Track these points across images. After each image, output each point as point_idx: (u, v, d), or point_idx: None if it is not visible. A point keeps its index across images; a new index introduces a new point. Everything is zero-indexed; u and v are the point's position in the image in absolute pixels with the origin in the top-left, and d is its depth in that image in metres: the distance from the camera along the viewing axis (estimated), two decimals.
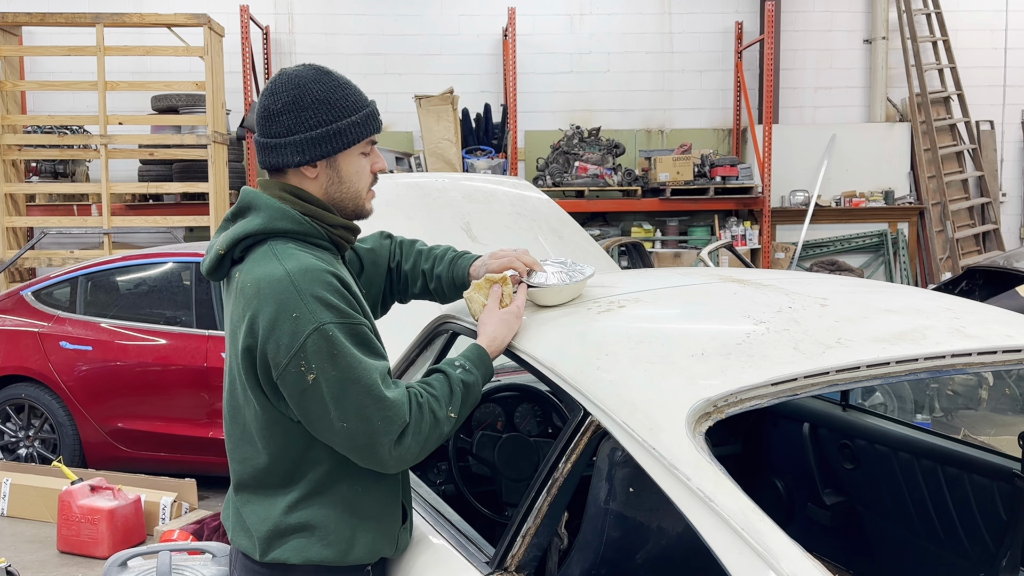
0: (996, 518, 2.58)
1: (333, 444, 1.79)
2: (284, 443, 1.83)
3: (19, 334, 5.80)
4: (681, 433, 1.60)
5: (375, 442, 1.75)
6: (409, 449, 1.78)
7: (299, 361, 1.71)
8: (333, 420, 1.74)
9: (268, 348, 1.73)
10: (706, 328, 2.02)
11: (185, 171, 8.90)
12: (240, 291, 1.80)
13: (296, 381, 1.72)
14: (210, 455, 5.48)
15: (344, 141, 1.88)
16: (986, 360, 1.88)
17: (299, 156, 1.86)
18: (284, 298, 1.72)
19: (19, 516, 5.25)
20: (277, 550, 1.84)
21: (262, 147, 1.90)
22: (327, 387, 1.72)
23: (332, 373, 1.72)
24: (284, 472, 1.85)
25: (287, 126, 1.85)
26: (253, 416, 1.84)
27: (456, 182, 4.02)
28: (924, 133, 10.15)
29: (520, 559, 1.88)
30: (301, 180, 1.90)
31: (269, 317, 1.73)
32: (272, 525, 1.84)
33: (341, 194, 1.93)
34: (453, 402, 1.87)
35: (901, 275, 10.31)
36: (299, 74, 1.88)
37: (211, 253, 1.88)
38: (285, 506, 1.84)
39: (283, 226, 1.83)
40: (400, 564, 2.03)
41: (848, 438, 3.00)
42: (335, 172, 1.90)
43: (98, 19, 8.21)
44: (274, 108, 1.86)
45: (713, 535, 1.45)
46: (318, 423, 1.76)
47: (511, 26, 9.40)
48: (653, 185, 9.57)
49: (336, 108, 1.86)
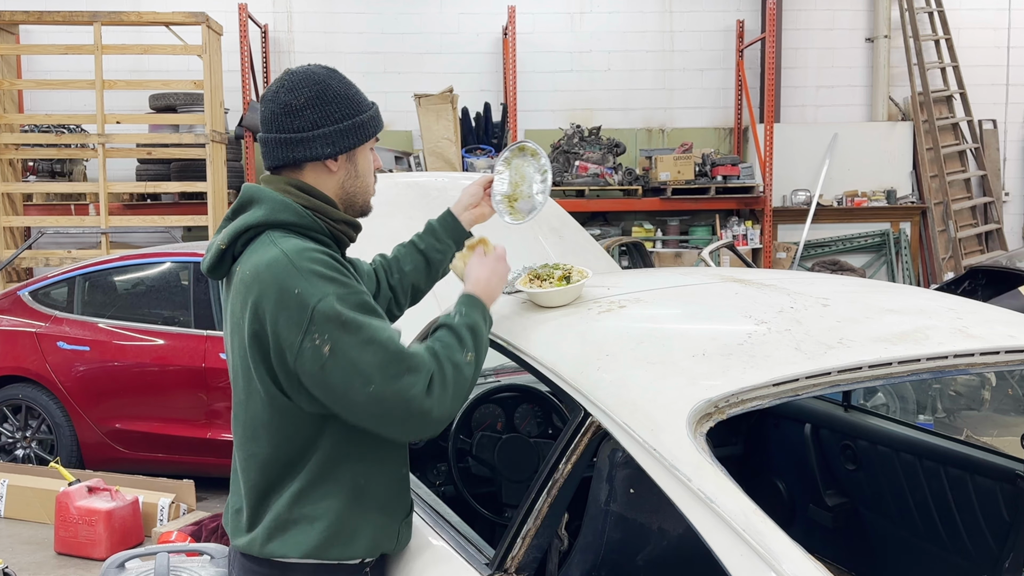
0: (999, 519, 2.58)
1: (364, 420, 1.76)
2: (290, 432, 1.82)
3: (16, 334, 5.79)
4: (682, 434, 1.59)
5: (407, 397, 1.73)
6: (441, 400, 1.77)
7: (312, 335, 1.69)
8: (358, 388, 1.71)
9: (279, 330, 1.72)
10: (707, 328, 2.02)
11: (183, 170, 8.89)
12: (240, 281, 1.80)
13: (313, 356, 1.70)
14: (208, 456, 5.46)
15: (366, 133, 1.93)
16: (989, 360, 1.87)
17: (329, 148, 1.88)
18: (284, 277, 1.72)
19: (16, 517, 5.24)
20: (276, 541, 1.83)
21: (282, 143, 1.89)
22: (345, 353, 1.70)
23: (347, 338, 1.71)
24: (287, 462, 1.84)
25: (312, 120, 1.87)
26: (260, 406, 1.83)
27: (456, 181, 4.02)
28: (926, 132, 10.13)
29: (520, 561, 1.88)
30: (319, 175, 1.92)
31: (273, 298, 1.72)
32: (274, 516, 1.83)
33: (356, 188, 1.96)
34: (465, 346, 1.87)
35: (903, 275, 10.30)
36: (313, 71, 1.91)
37: (212, 250, 1.88)
38: (288, 497, 1.83)
39: (284, 218, 1.83)
40: (399, 566, 2.02)
41: (850, 439, 3.00)
42: (353, 166, 1.94)
43: (96, 17, 8.20)
44: (296, 104, 1.86)
45: (714, 536, 1.45)
46: (344, 398, 1.73)
47: (511, 24, 9.38)
48: (654, 184, 9.56)
49: (355, 103, 1.92)
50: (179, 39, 8.76)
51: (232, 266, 1.87)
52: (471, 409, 3.07)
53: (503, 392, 3.18)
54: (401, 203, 3.60)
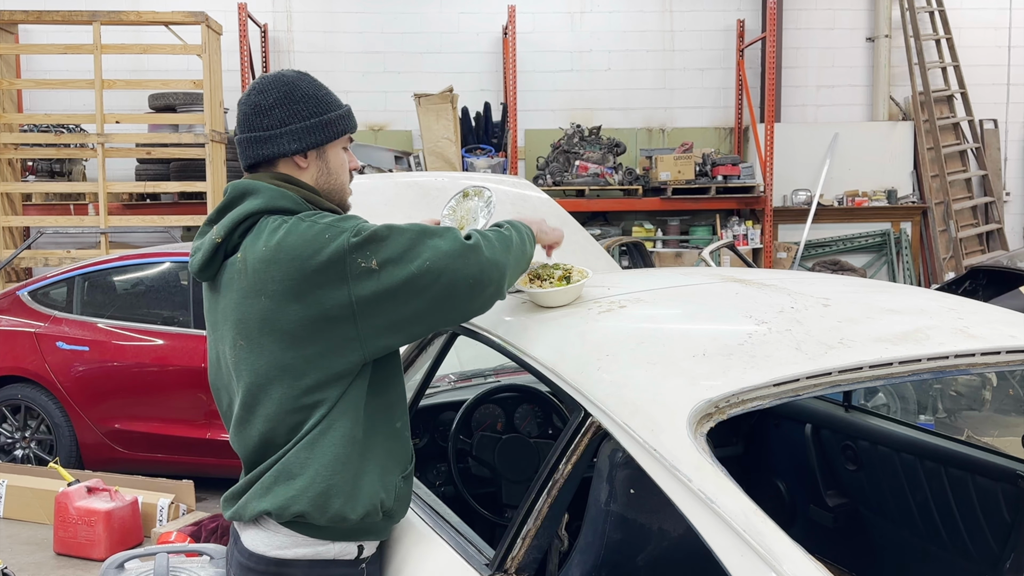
0: (1000, 520, 2.57)
1: (442, 305, 1.83)
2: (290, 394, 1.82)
3: (15, 334, 5.78)
4: (682, 434, 1.59)
5: (469, 251, 1.83)
6: (487, 245, 1.87)
7: (357, 259, 1.76)
8: (420, 274, 1.78)
9: (326, 279, 1.76)
10: (707, 328, 2.01)
11: (182, 170, 8.86)
12: (251, 261, 1.80)
13: (367, 279, 1.76)
14: (208, 456, 5.45)
15: (334, 131, 1.98)
16: (990, 361, 1.87)
17: (295, 144, 1.93)
18: (308, 236, 1.78)
19: (15, 518, 5.23)
20: (279, 489, 1.81)
21: (252, 141, 1.95)
22: (395, 254, 1.78)
23: (382, 247, 1.78)
24: (290, 423, 1.83)
25: (280, 118, 1.93)
26: (264, 367, 1.82)
27: (455, 181, 3.99)
28: (927, 132, 10.12)
29: (520, 561, 1.88)
30: (293, 170, 1.97)
31: (305, 256, 1.76)
32: (275, 471, 1.83)
33: (330, 185, 2.01)
34: (499, 227, 2.02)
35: (904, 275, 10.29)
36: (284, 74, 1.99)
37: (204, 247, 1.88)
38: (288, 452, 1.83)
39: (284, 204, 1.87)
40: (398, 566, 2.02)
41: (851, 439, 2.99)
42: (324, 163, 1.99)
43: (95, 17, 8.18)
44: (264, 104, 1.94)
45: (714, 537, 1.44)
46: (422, 292, 1.79)
47: (511, 24, 9.38)
48: (654, 184, 9.55)
49: (323, 102, 1.98)
50: (178, 39, 8.75)
51: (224, 262, 1.88)
52: (471, 409, 3.07)
53: (503, 392, 3.19)
54: (401, 203, 3.59)
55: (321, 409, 1.82)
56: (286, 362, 1.81)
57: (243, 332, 1.83)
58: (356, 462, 1.84)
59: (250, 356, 1.84)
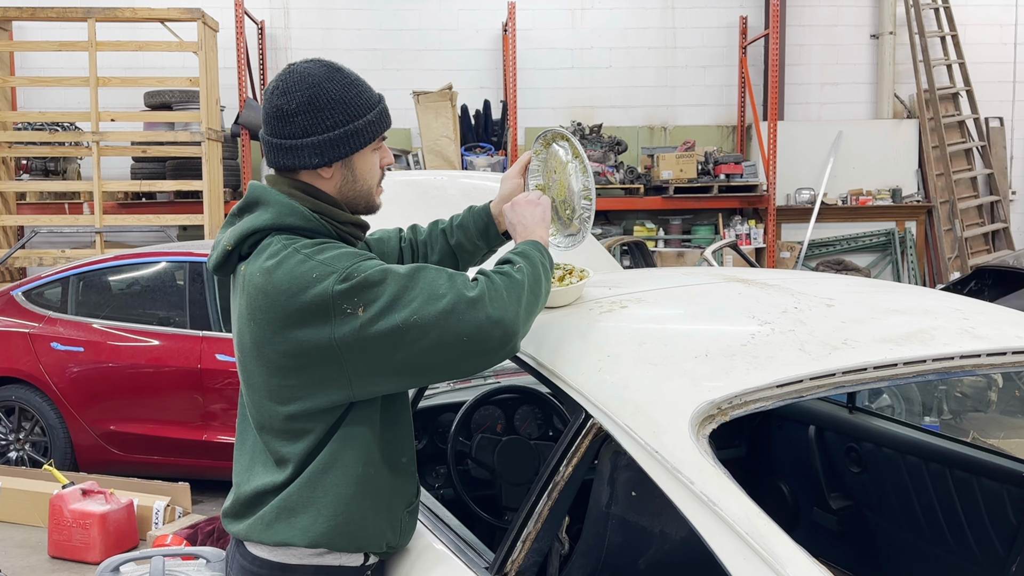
0: (1006, 522, 2.57)
1: (434, 360, 1.72)
2: (304, 423, 1.79)
3: (9, 335, 5.75)
4: (684, 436, 1.58)
5: (466, 307, 1.69)
6: (493, 299, 1.72)
7: (342, 304, 1.67)
8: (405, 318, 1.68)
9: (310, 317, 1.69)
10: (710, 329, 2.00)
11: (179, 168, 8.84)
12: (248, 282, 1.78)
13: (350, 325, 1.67)
14: (204, 458, 5.43)
15: (361, 141, 1.86)
16: (995, 361, 1.86)
17: (316, 158, 1.83)
18: (296, 273, 1.70)
19: (9, 520, 5.21)
20: (281, 525, 1.79)
21: (274, 147, 1.86)
22: (383, 303, 1.68)
23: (379, 292, 1.68)
24: (298, 452, 1.80)
25: (302, 127, 1.81)
26: (256, 383, 1.80)
27: (455, 180, 4.00)
28: (932, 130, 10.09)
29: (520, 564, 1.87)
30: (314, 180, 1.88)
31: (290, 292, 1.69)
32: (279, 502, 1.80)
33: (354, 192, 1.91)
34: (511, 262, 1.86)
35: (909, 275, 10.26)
36: (311, 72, 1.83)
37: (218, 248, 1.87)
38: (295, 484, 1.80)
39: (291, 222, 1.80)
40: (399, 569, 2.01)
41: (855, 441, 2.99)
42: (350, 171, 1.89)
43: (90, 14, 8.16)
44: (287, 108, 1.81)
45: (717, 540, 1.44)
46: (410, 345, 1.69)
47: (511, 21, 9.35)
48: (656, 183, 9.52)
49: (352, 108, 1.84)
50: (174, 36, 8.74)
51: (239, 264, 1.86)
52: (470, 411, 3.07)
53: (503, 393, 3.20)
54: (400, 202, 3.57)
55: (307, 439, 1.79)
56: (271, 386, 1.79)
57: (240, 346, 1.85)
58: (360, 502, 1.82)
59: (245, 370, 1.85)
